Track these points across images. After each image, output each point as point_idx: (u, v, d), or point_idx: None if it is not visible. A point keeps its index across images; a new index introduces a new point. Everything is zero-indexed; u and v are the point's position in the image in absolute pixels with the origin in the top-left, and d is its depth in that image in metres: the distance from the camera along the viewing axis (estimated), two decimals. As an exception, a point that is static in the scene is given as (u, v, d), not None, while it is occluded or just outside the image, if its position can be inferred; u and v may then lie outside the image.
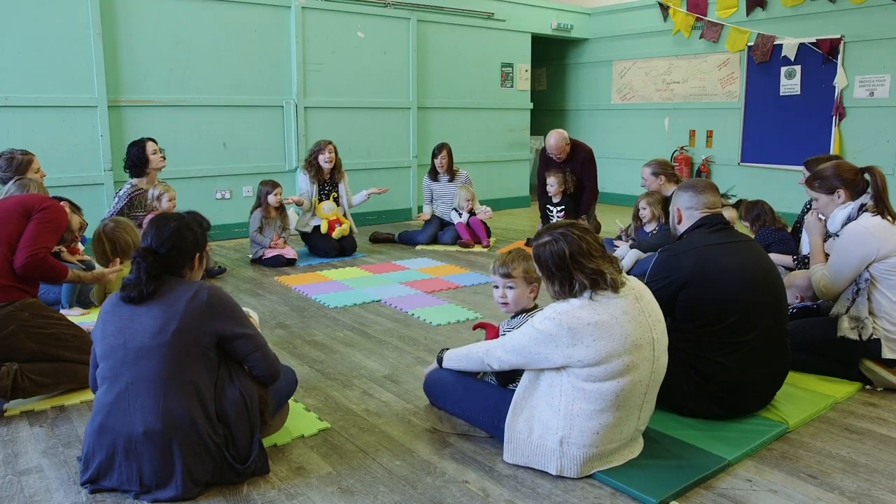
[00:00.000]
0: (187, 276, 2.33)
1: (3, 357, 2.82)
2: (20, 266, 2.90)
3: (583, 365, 2.16)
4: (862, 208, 3.09)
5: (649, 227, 4.97)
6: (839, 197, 3.18)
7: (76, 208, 4.16)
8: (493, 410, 2.43)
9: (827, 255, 3.21)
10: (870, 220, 2.98)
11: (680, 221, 2.86)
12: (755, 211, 4.36)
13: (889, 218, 2.98)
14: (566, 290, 2.22)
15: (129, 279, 2.22)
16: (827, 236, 3.29)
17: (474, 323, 3.10)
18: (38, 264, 2.92)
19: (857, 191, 3.17)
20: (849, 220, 3.09)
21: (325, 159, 5.88)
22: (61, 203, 3.43)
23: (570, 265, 2.18)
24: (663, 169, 5.01)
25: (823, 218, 3.33)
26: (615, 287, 2.18)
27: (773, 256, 3.68)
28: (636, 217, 5.06)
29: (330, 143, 5.96)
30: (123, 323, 2.18)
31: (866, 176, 3.14)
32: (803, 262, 3.82)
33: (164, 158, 5.12)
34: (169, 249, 2.25)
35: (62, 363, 2.93)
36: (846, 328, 2.98)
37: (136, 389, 2.13)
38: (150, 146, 4.97)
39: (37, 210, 3.01)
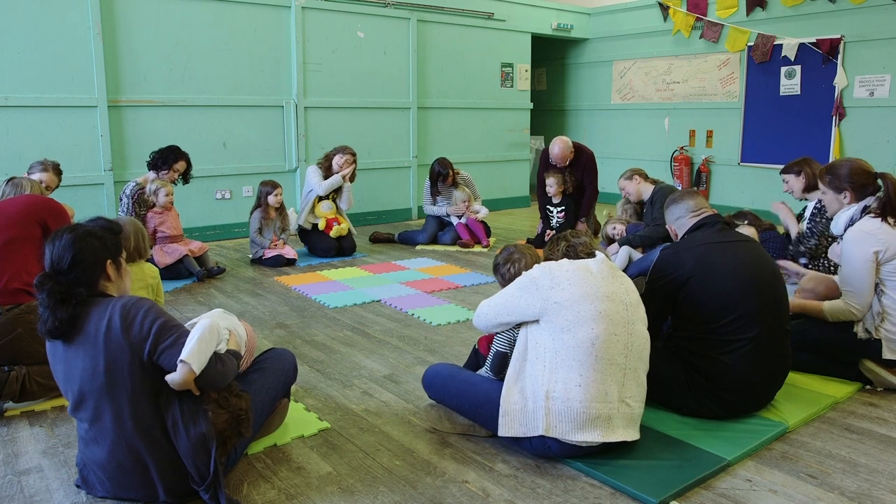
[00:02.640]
0: (110, 289, 2.13)
1: (11, 360, 2.83)
2: None
3: (559, 307, 2.29)
4: (865, 210, 3.08)
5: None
6: (845, 197, 3.17)
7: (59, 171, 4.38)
8: (493, 403, 2.43)
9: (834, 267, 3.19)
10: (869, 224, 2.96)
11: (677, 236, 2.92)
12: (742, 220, 4.44)
13: (890, 221, 2.95)
14: None
15: (41, 313, 2.00)
16: (832, 240, 3.29)
17: None
18: None
19: (863, 194, 3.14)
20: (851, 222, 3.08)
21: (339, 160, 5.91)
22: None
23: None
24: (635, 170, 5.15)
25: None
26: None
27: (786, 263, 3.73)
28: (609, 239, 5.26)
29: (351, 154, 5.98)
30: (64, 368, 2.06)
31: (879, 181, 3.09)
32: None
33: (185, 182, 5.34)
34: (70, 265, 2.00)
35: None
36: (861, 329, 2.99)
37: (95, 429, 2.07)
38: (180, 164, 5.16)
39: (49, 218, 3.04)
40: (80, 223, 2.15)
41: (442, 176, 6.45)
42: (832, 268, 3.75)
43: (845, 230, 3.06)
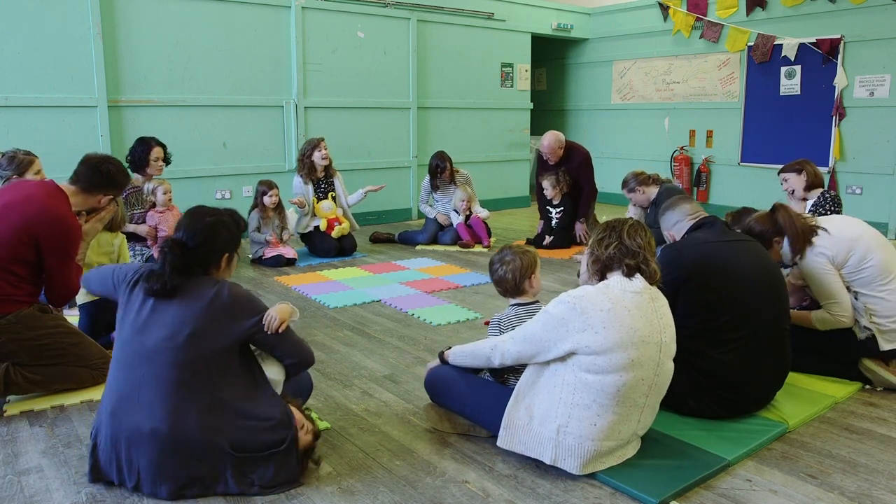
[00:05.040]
0: (214, 275, 2.29)
1: None
2: (61, 304, 3.06)
3: (590, 352, 2.15)
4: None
5: None
6: (778, 243, 3.09)
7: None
8: (497, 407, 2.42)
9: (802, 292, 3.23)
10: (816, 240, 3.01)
11: (674, 241, 2.93)
12: (744, 217, 4.39)
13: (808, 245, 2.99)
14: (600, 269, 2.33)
15: (154, 270, 2.18)
16: (784, 266, 3.26)
17: (484, 320, 3.12)
18: (74, 295, 3.05)
19: (780, 227, 3.10)
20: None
21: (321, 156, 5.86)
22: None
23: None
24: (637, 180, 5.13)
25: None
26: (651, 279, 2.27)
27: None
28: None
29: (322, 139, 5.96)
30: (145, 315, 2.16)
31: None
32: None
33: (167, 164, 5.09)
34: (199, 244, 2.21)
35: (58, 367, 2.93)
36: (859, 330, 3.02)
37: (148, 384, 2.11)
38: (155, 152, 4.91)
39: (45, 238, 2.77)
40: (218, 209, 2.33)
41: (440, 168, 6.43)
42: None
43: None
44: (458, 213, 6.45)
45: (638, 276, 2.25)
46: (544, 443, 2.27)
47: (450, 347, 2.71)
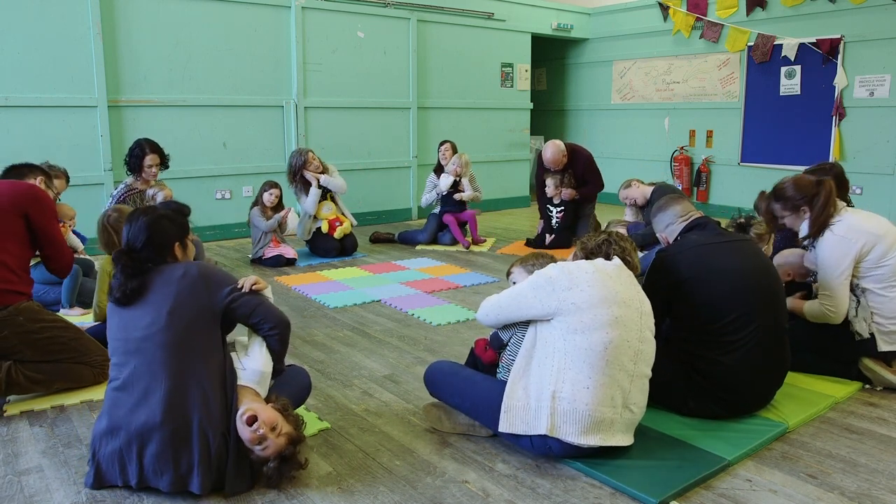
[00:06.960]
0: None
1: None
2: (66, 272, 3.19)
3: (575, 308, 2.27)
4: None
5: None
6: (805, 212, 3.11)
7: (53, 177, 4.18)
8: (494, 399, 2.41)
9: (805, 283, 3.21)
10: (839, 228, 2.98)
11: (668, 244, 2.92)
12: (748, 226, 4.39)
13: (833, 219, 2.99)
14: None
15: (111, 284, 2.24)
16: (803, 247, 3.26)
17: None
18: (70, 260, 3.19)
19: (818, 201, 3.11)
20: None
21: (313, 169, 5.80)
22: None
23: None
24: (631, 179, 5.21)
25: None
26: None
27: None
28: None
29: (310, 151, 5.88)
30: (124, 318, 2.22)
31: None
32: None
33: (165, 168, 5.04)
34: (144, 244, 2.26)
35: (60, 364, 2.93)
36: (856, 329, 3.01)
37: (139, 376, 2.15)
38: (149, 158, 4.82)
39: (31, 207, 2.96)
40: (155, 206, 2.43)
41: (442, 143, 6.61)
42: None
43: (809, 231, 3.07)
44: (448, 175, 6.42)
45: (617, 258, 2.46)
46: (541, 413, 2.28)
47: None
